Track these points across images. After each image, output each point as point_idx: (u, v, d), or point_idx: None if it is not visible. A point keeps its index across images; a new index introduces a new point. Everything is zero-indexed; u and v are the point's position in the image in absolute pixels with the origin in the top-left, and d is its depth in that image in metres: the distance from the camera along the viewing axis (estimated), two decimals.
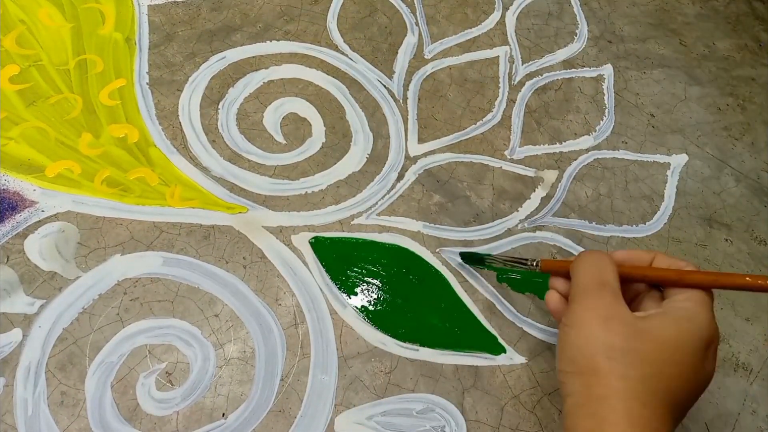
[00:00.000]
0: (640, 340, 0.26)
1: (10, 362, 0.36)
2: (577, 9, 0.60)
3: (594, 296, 0.29)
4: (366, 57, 0.52)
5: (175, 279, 0.40)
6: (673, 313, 0.28)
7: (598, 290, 0.29)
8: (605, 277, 0.29)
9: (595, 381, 0.26)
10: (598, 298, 0.28)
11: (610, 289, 0.28)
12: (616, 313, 0.28)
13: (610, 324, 0.27)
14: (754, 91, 0.58)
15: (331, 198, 0.45)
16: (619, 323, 0.27)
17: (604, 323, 0.27)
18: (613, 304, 0.28)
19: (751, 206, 0.50)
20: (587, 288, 0.29)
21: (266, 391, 0.37)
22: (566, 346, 0.28)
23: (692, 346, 0.27)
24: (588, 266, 0.30)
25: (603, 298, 0.28)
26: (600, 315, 0.28)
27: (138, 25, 0.50)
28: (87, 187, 0.42)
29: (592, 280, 0.29)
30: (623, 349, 0.26)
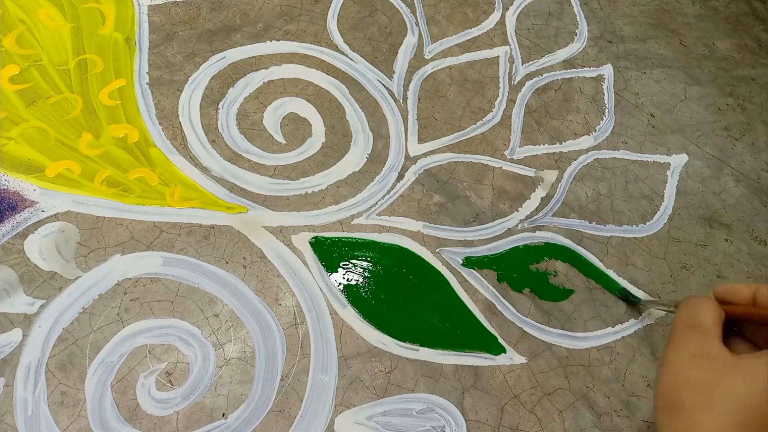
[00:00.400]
0: (730, 375, 0.26)
1: (10, 362, 0.36)
2: (577, 9, 0.60)
3: (685, 336, 0.29)
4: (366, 57, 0.52)
5: (175, 279, 0.40)
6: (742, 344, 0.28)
7: (689, 330, 0.29)
8: (698, 318, 0.29)
9: (681, 415, 0.27)
10: (688, 337, 0.29)
11: (701, 329, 0.29)
12: (705, 350, 0.28)
13: (697, 360, 0.28)
14: (754, 91, 0.58)
15: (331, 198, 0.45)
16: (708, 359, 0.27)
17: (692, 360, 0.28)
18: (704, 342, 0.28)
19: (751, 206, 0.50)
20: (679, 329, 0.30)
21: (266, 391, 0.37)
22: (657, 383, 0.29)
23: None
24: (684, 309, 0.31)
25: (693, 338, 0.29)
26: (688, 352, 0.28)
27: (138, 25, 0.50)
28: (87, 187, 0.42)
29: (686, 322, 0.30)
30: (710, 384, 0.26)
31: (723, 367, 0.27)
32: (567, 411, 0.39)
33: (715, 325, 0.29)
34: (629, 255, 0.46)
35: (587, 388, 0.40)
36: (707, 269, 0.47)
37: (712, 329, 0.29)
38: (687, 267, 0.46)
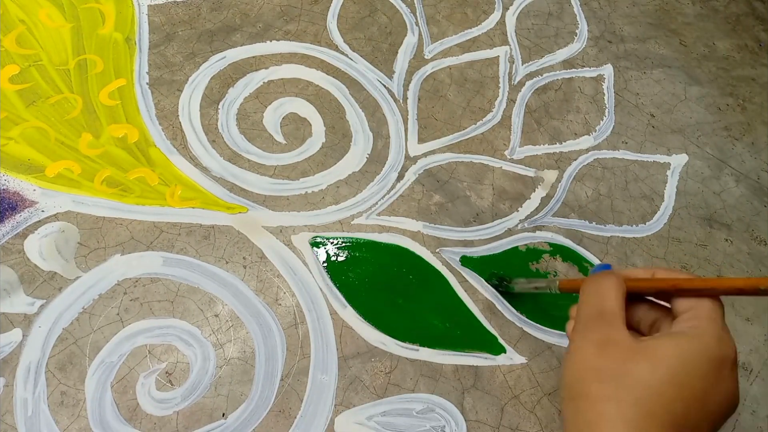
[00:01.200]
0: (635, 362, 0.25)
1: (10, 362, 0.36)
2: (577, 9, 0.60)
3: (592, 324, 0.28)
4: (366, 57, 0.52)
5: (175, 279, 0.40)
6: (676, 333, 0.27)
7: (597, 318, 0.28)
8: (606, 303, 0.28)
9: (586, 406, 0.26)
10: (595, 325, 0.28)
11: (609, 316, 0.28)
12: (611, 337, 0.27)
13: (604, 349, 0.27)
14: (754, 91, 0.58)
15: (331, 198, 0.45)
16: (614, 347, 0.26)
17: (598, 348, 0.27)
18: (610, 330, 0.27)
19: (751, 206, 0.50)
20: (587, 317, 0.29)
21: (266, 391, 0.37)
22: (564, 373, 0.28)
23: (698, 367, 0.25)
24: (589, 295, 0.29)
25: (600, 325, 0.28)
26: (595, 341, 0.27)
27: (138, 25, 0.50)
28: (87, 187, 0.42)
29: (593, 308, 0.29)
30: (615, 373, 0.26)
31: (628, 354, 0.26)
32: None
33: (620, 309, 0.28)
34: (629, 255, 0.46)
35: None
36: (707, 269, 0.47)
37: (617, 314, 0.28)
38: (687, 267, 0.46)
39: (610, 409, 0.25)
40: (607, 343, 0.27)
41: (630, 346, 0.26)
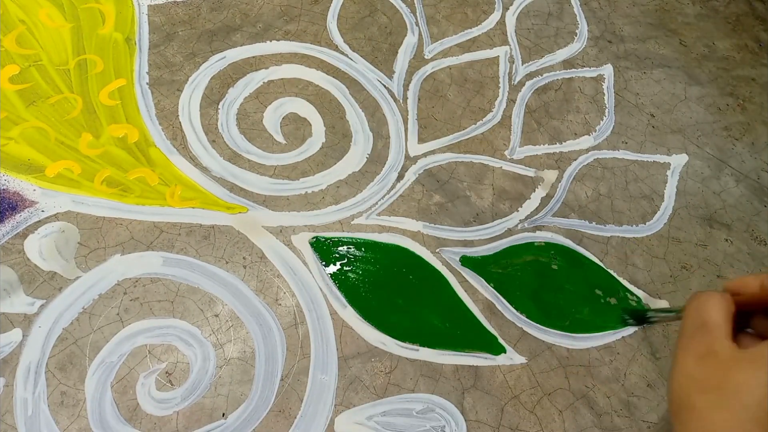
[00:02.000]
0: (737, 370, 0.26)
1: (10, 362, 0.36)
2: (577, 9, 0.60)
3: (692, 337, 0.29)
4: (366, 57, 0.52)
5: (175, 279, 0.40)
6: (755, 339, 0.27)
7: (697, 330, 0.29)
8: (706, 317, 0.29)
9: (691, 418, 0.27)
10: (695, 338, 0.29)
11: (709, 328, 0.28)
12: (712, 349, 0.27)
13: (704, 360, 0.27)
14: (754, 91, 0.58)
15: (331, 198, 0.45)
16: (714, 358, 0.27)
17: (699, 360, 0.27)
18: (710, 341, 0.28)
19: (751, 206, 0.50)
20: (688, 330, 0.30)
21: (266, 391, 0.37)
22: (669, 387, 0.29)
23: None
24: (692, 308, 0.30)
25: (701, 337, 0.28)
26: (696, 352, 0.28)
27: (138, 25, 0.50)
28: (87, 187, 0.42)
29: (693, 322, 0.29)
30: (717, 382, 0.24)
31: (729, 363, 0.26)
32: (567, 411, 0.39)
33: (724, 322, 0.28)
34: (629, 255, 0.46)
35: (587, 388, 0.40)
36: (707, 269, 0.47)
37: (721, 326, 0.28)
38: (687, 267, 0.46)
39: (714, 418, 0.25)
40: (708, 353, 0.28)
41: (731, 355, 0.27)
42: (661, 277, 0.46)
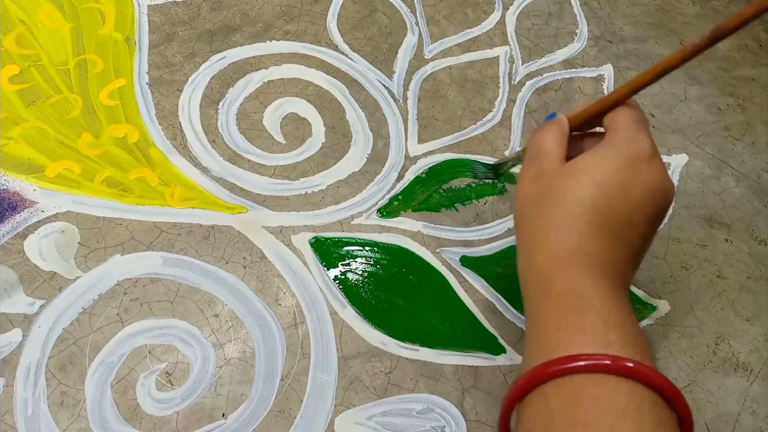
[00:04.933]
0: (560, 180, 0.28)
1: (10, 362, 0.36)
2: (577, 9, 0.60)
3: (529, 164, 0.31)
4: (366, 57, 0.52)
5: (175, 279, 0.40)
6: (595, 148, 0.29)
7: (534, 158, 0.31)
8: (542, 145, 0.31)
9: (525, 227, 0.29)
10: (532, 164, 0.31)
11: (543, 153, 0.31)
12: (542, 169, 0.30)
13: (536, 179, 0.30)
14: (754, 91, 0.58)
15: (331, 198, 0.45)
16: (545, 174, 0.30)
17: (532, 179, 0.30)
18: (543, 162, 0.30)
19: (751, 206, 0.50)
20: (526, 160, 0.32)
21: (266, 391, 0.37)
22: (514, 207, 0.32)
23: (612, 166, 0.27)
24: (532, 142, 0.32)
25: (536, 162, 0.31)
26: (531, 175, 0.30)
27: (138, 25, 0.50)
28: (87, 187, 0.42)
29: (531, 152, 0.32)
30: (544, 192, 0.29)
31: (553, 176, 0.29)
32: None
33: (555, 147, 0.31)
34: None
35: None
36: (707, 269, 0.47)
37: (552, 151, 0.31)
38: (687, 267, 0.47)
39: (541, 221, 0.28)
40: (539, 173, 0.30)
41: (556, 169, 0.29)
42: (661, 277, 0.46)
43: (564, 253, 0.27)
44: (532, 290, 0.28)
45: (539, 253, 0.28)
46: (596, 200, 0.27)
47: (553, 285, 0.27)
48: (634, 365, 0.22)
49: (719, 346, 0.43)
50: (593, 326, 0.24)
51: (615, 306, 0.25)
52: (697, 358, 0.43)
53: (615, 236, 0.27)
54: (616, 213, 0.27)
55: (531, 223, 0.29)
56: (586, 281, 0.26)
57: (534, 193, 0.29)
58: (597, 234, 0.27)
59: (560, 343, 0.24)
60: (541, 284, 0.27)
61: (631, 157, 0.28)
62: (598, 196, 0.27)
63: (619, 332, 0.24)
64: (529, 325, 0.28)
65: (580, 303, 0.25)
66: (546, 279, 0.27)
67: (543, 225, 0.28)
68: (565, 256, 0.27)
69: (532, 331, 0.27)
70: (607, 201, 0.27)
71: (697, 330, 0.44)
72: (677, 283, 0.46)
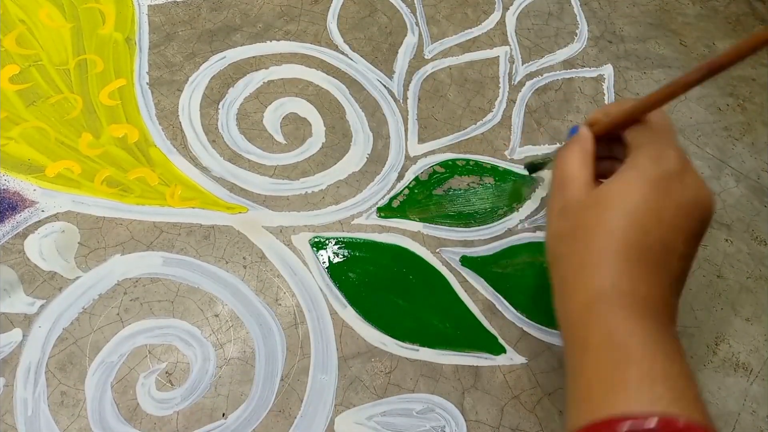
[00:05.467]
0: (585, 213, 0.27)
1: (10, 362, 0.36)
2: (577, 9, 0.60)
3: (554, 196, 0.30)
4: (366, 57, 0.52)
5: (175, 279, 0.40)
6: (618, 172, 0.27)
7: (557, 188, 0.30)
8: (565, 171, 0.29)
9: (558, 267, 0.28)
10: (556, 195, 0.29)
11: (566, 183, 0.29)
12: (567, 201, 0.28)
13: (563, 214, 0.28)
14: (754, 91, 0.58)
15: (331, 198, 0.45)
16: (570, 208, 0.28)
17: (559, 215, 0.28)
18: (567, 195, 0.29)
19: (751, 206, 0.50)
20: (552, 190, 0.30)
21: (266, 391, 0.37)
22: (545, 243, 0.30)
23: (639, 191, 0.26)
24: (555, 165, 0.31)
25: (559, 194, 0.29)
26: (557, 210, 0.29)
27: (138, 25, 0.50)
28: (87, 187, 0.42)
29: (556, 178, 0.30)
30: (572, 228, 0.27)
31: (579, 208, 0.27)
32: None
33: (579, 171, 0.29)
34: None
35: None
36: (707, 269, 0.47)
37: (576, 178, 0.29)
38: None
39: (573, 261, 0.27)
40: (564, 207, 0.28)
41: (583, 202, 0.28)
42: None
43: (598, 296, 0.25)
44: (570, 339, 0.26)
45: (573, 298, 0.26)
46: (627, 232, 0.25)
47: (591, 334, 0.25)
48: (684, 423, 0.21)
49: (719, 346, 0.43)
50: (638, 381, 0.22)
51: (660, 352, 0.23)
52: (697, 358, 0.43)
53: (651, 267, 0.25)
54: (650, 241, 0.25)
55: (563, 264, 0.27)
56: (625, 327, 0.24)
57: (562, 230, 0.28)
58: (634, 269, 0.25)
59: (604, 400, 0.22)
60: (579, 333, 0.25)
61: (658, 179, 0.26)
62: (628, 227, 0.25)
63: (666, 384, 0.22)
64: (569, 376, 0.26)
65: (620, 355, 0.23)
66: (583, 328, 0.25)
67: (574, 266, 0.26)
68: (599, 300, 0.25)
69: (572, 385, 0.25)
70: (639, 229, 0.25)
71: (697, 330, 0.44)
72: None
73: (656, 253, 0.25)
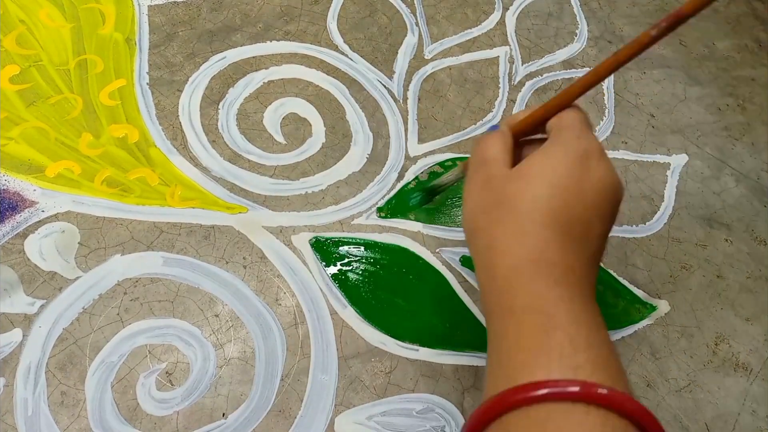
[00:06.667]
0: (511, 184, 0.27)
1: (10, 362, 0.36)
2: (577, 9, 0.60)
3: (476, 171, 0.30)
4: (366, 57, 0.52)
5: (175, 279, 0.40)
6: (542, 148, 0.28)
7: (479, 165, 0.30)
8: (487, 152, 0.30)
9: (480, 236, 0.28)
10: (478, 171, 0.30)
11: (489, 161, 0.29)
12: (490, 175, 0.29)
13: (485, 185, 0.29)
14: (754, 91, 0.58)
15: (331, 198, 0.45)
16: (493, 180, 0.28)
17: (482, 187, 0.29)
18: (490, 168, 0.29)
19: (751, 206, 0.50)
20: (471, 167, 0.31)
21: (266, 391, 0.37)
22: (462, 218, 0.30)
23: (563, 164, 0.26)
24: (475, 150, 0.31)
25: (482, 169, 0.30)
26: (479, 182, 0.29)
27: (138, 26, 0.50)
28: (87, 187, 0.42)
29: (476, 159, 0.31)
30: (496, 199, 0.27)
31: (503, 182, 0.28)
32: None
33: (501, 154, 0.30)
34: (629, 255, 0.46)
35: None
36: (707, 269, 0.47)
37: (498, 158, 0.29)
38: (687, 267, 0.47)
39: (497, 230, 0.27)
40: (486, 180, 0.29)
41: (505, 175, 0.28)
42: (660, 277, 0.46)
43: (527, 262, 0.25)
44: (494, 305, 0.26)
45: (499, 264, 0.26)
46: (552, 202, 0.26)
47: (516, 299, 0.25)
48: (606, 392, 0.20)
49: (719, 346, 0.43)
50: (560, 347, 0.22)
51: (584, 322, 0.23)
52: (697, 358, 0.43)
53: (575, 239, 0.26)
54: (572, 213, 0.26)
55: (487, 234, 0.27)
56: (552, 294, 0.24)
57: (485, 201, 0.28)
58: (559, 238, 0.25)
59: (525, 366, 0.23)
60: (504, 298, 0.25)
61: (581, 154, 0.27)
62: (553, 197, 0.26)
63: (589, 353, 0.22)
64: (491, 343, 0.26)
65: (545, 320, 0.23)
66: (508, 292, 0.25)
67: (501, 234, 0.27)
68: (528, 266, 0.25)
69: (494, 350, 0.25)
70: (562, 201, 0.26)
71: (697, 330, 0.44)
72: (677, 283, 0.46)
73: (579, 226, 0.26)
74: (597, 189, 0.27)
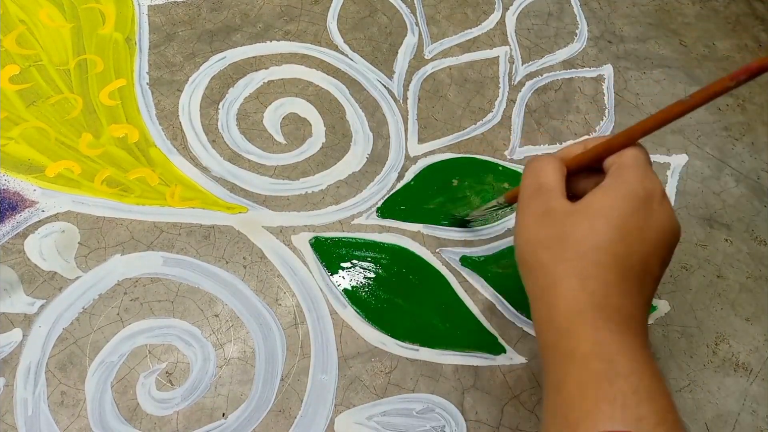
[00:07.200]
0: (573, 222, 0.27)
1: (10, 362, 0.36)
2: (577, 9, 0.60)
3: (531, 199, 0.29)
4: (366, 57, 0.52)
5: (175, 279, 0.40)
6: (603, 185, 0.28)
7: (535, 193, 0.29)
8: (543, 179, 0.29)
9: (540, 274, 0.27)
10: (534, 199, 0.29)
11: (546, 189, 0.29)
12: (550, 206, 0.28)
13: (544, 218, 0.28)
14: (754, 91, 0.58)
15: (331, 198, 0.45)
16: (553, 214, 0.28)
17: (540, 220, 0.28)
18: (548, 200, 0.29)
19: (751, 206, 0.50)
20: (526, 193, 0.30)
21: (266, 391, 0.37)
22: (516, 249, 0.30)
23: (626, 206, 0.26)
24: (528, 175, 0.31)
25: (539, 198, 0.29)
26: (535, 213, 0.29)
27: (138, 25, 0.50)
28: (87, 187, 0.42)
29: (531, 185, 0.30)
30: (558, 236, 0.27)
31: (564, 217, 0.27)
32: None
33: (557, 183, 0.29)
34: None
35: None
36: (707, 269, 0.47)
37: (555, 187, 0.29)
38: (687, 267, 0.47)
39: (560, 269, 0.26)
40: (546, 213, 0.28)
41: (567, 210, 0.28)
42: None
43: (590, 306, 0.25)
44: (552, 347, 0.26)
45: (561, 306, 0.26)
46: (616, 245, 0.25)
47: (578, 344, 0.24)
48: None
49: (719, 346, 0.43)
50: (623, 396, 0.22)
51: (646, 372, 0.23)
52: (697, 358, 0.43)
53: (634, 282, 0.26)
54: (634, 257, 0.26)
55: (549, 271, 0.27)
56: (614, 341, 0.24)
57: (545, 235, 0.27)
58: (621, 283, 0.25)
59: (588, 415, 0.22)
60: (564, 341, 0.25)
61: (644, 196, 0.26)
62: (616, 240, 0.25)
63: (651, 405, 0.22)
64: (549, 386, 0.26)
65: (607, 368, 0.23)
66: (569, 336, 0.25)
67: (563, 274, 0.26)
68: (589, 310, 0.25)
69: (553, 394, 0.25)
70: (625, 245, 0.25)
71: (697, 330, 0.44)
72: (677, 283, 0.46)
73: (639, 271, 0.26)
74: (658, 232, 0.27)
